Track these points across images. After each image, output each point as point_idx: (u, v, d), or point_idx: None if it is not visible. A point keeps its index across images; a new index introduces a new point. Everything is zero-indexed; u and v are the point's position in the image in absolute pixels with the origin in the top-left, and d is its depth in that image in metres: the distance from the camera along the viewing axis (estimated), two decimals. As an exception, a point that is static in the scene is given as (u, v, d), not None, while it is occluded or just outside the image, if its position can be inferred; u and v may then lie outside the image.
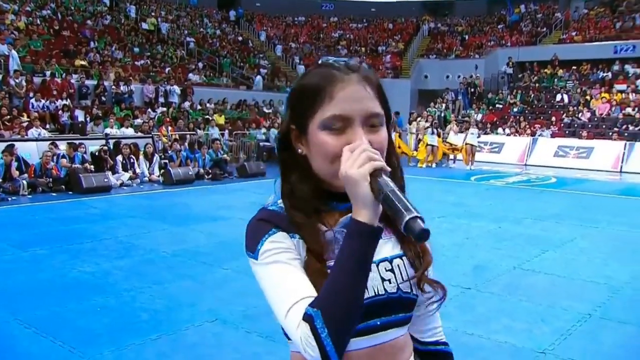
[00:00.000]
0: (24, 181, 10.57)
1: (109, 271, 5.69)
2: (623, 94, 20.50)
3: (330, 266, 1.03)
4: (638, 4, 24.93)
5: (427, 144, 16.99)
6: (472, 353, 3.81)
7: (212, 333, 4.16)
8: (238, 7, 31.18)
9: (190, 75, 21.49)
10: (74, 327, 4.20)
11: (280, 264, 1.06)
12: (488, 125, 21.18)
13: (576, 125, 19.88)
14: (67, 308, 4.62)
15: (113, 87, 17.36)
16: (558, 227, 8.28)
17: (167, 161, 13.49)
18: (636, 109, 19.30)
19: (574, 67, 23.65)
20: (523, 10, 29.66)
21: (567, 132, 19.55)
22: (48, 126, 14.21)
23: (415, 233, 0.91)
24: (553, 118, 20.54)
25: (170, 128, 15.82)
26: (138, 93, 18.25)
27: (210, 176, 13.63)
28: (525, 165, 17.97)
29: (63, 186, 11.01)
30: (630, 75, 21.66)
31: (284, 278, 1.05)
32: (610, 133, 18.30)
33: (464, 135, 16.97)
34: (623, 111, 19.63)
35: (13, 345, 3.94)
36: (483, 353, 3.76)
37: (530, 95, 23.36)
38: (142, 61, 20.80)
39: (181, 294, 5.01)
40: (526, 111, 22.30)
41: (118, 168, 12.25)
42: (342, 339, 0.97)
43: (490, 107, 23.37)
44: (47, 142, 11.80)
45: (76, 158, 11.69)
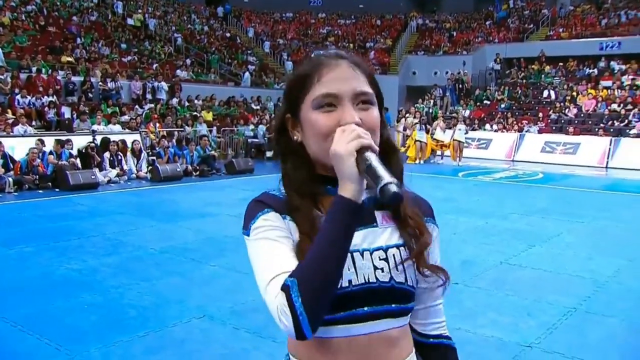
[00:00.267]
0: (10, 178, 10.46)
1: (97, 268, 5.67)
2: (609, 90, 20.70)
3: None
4: (623, 1, 25.15)
5: (416, 140, 17.04)
6: (459, 347, 3.78)
7: (200, 329, 4.16)
8: (226, 4, 31.02)
9: (178, 71, 21.35)
10: (61, 325, 4.18)
11: (268, 241, 1.09)
12: (476, 121, 21.29)
13: (563, 121, 20.06)
14: (54, 306, 4.59)
15: (100, 84, 17.22)
16: (544, 222, 8.36)
17: (155, 158, 13.42)
18: (621, 105, 19.50)
19: (561, 64, 23.80)
20: (511, 6, 29.82)
21: (554, 128, 19.71)
22: (34, 123, 14.05)
23: (387, 196, 0.95)
24: (540, 114, 20.72)
25: (158, 124, 15.70)
26: (125, 89, 18.10)
27: (198, 173, 13.56)
28: (512, 161, 18.08)
29: (50, 183, 10.93)
30: (615, 71, 21.83)
31: (270, 254, 1.07)
32: (596, 129, 18.45)
33: (452, 131, 17.04)
34: (609, 107, 19.84)
35: (-1, 343, 3.91)
36: (470, 347, 3.78)
37: (517, 91, 23.51)
38: (130, 57, 20.65)
39: (169, 291, 5.00)
40: (513, 107, 22.44)
41: (105, 165, 12.17)
42: (316, 310, 0.99)
43: (477, 104, 23.46)
44: (34, 139, 11.69)
45: (63, 155, 11.61)
